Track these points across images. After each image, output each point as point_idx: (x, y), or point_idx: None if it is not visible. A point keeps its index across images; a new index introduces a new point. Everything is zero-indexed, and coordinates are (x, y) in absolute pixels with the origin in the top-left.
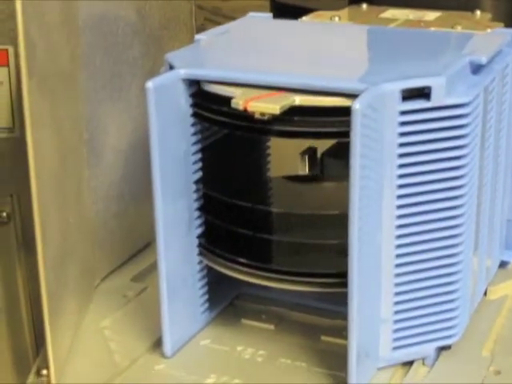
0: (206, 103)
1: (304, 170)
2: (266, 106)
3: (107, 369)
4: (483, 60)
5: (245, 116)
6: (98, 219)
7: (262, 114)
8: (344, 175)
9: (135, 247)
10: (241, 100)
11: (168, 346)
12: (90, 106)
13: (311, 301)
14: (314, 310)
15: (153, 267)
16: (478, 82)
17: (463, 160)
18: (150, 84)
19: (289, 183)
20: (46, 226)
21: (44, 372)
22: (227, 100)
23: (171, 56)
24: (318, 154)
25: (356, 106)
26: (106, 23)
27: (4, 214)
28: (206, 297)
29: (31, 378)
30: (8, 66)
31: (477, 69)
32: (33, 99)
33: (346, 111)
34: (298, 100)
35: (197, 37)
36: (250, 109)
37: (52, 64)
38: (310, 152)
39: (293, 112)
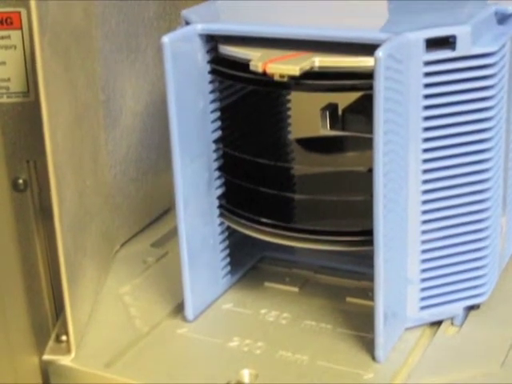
0: (224, 60)
1: (325, 127)
2: (286, 67)
3: (128, 333)
4: (509, 9)
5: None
6: (115, 183)
7: (282, 76)
8: (366, 131)
9: (155, 213)
10: (259, 62)
11: (190, 309)
12: (105, 67)
13: (336, 263)
14: (338, 272)
15: (173, 233)
16: (504, 31)
17: (490, 112)
18: (165, 39)
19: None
20: (62, 188)
21: (63, 338)
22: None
23: (187, 12)
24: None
25: (379, 54)
26: None
27: (20, 181)
28: (228, 260)
29: (51, 343)
30: (21, 29)
31: (503, 18)
32: (45, 56)
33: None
34: (318, 61)
35: None
36: (269, 71)
37: (65, 20)
38: (331, 108)
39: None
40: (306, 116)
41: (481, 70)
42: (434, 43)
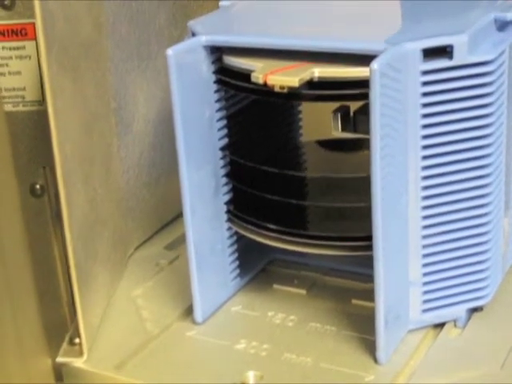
0: (228, 70)
1: (337, 129)
2: (285, 79)
3: (139, 336)
4: (509, 16)
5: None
6: (129, 188)
7: (282, 87)
8: None
9: (168, 216)
10: (260, 74)
11: (198, 312)
12: (117, 76)
13: (344, 265)
14: (347, 274)
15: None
16: (503, 38)
17: (489, 118)
18: (170, 51)
19: (319, 148)
20: (72, 197)
21: (77, 340)
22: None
23: (193, 23)
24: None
25: (374, 66)
26: None
27: (37, 186)
28: (237, 263)
29: (64, 346)
30: (35, 39)
31: (503, 26)
32: (52, 71)
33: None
34: (318, 72)
35: (221, 3)
36: (269, 82)
37: (73, 34)
38: (343, 110)
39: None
40: (316, 120)
41: (479, 78)
42: (431, 52)
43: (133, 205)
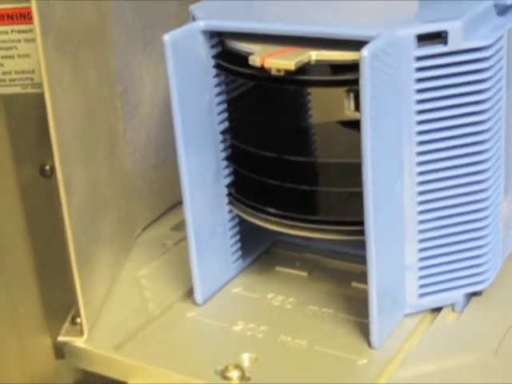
0: (227, 55)
1: (350, 108)
2: (282, 62)
3: (140, 316)
4: (508, 1)
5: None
6: (135, 170)
7: (278, 70)
8: None
9: (175, 197)
10: (258, 57)
11: (199, 293)
12: (122, 59)
13: (347, 248)
14: (349, 257)
15: None
16: (502, 23)
17: (486, 104)
18: (166, 37)
19: (336, 128)
20: (71, 179)
21: (78, 320)
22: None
23: (194, 7)
24: None
25: (364, 53)
26: None
27: (47, 167)
28: (238, 245)
29: (66, 325)
30: None
31: (503, 10)
32: (50, 56)
33: None
34: (314, 55)
35: None
36: (266, 65)
37: (74, 21)
38: (356, 90)
39: None
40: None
41: (474, 63)
42: (426, 37)
43: (139, 186)
